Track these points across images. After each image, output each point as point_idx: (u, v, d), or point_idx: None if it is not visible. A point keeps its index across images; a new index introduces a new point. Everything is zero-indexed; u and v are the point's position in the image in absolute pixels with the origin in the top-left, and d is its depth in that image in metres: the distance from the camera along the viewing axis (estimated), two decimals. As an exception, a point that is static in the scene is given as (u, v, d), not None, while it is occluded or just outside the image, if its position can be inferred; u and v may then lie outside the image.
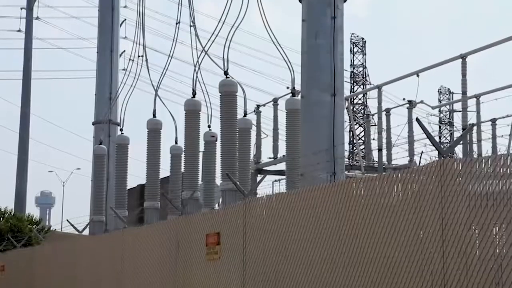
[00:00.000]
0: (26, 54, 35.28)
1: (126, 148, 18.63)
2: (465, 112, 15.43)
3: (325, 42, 11.18)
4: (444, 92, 55.18)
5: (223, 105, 13.49)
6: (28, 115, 34.56)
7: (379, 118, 17.96)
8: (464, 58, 14.92)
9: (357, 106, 52.03)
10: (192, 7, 15.21)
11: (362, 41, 55.27)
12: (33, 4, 36.03)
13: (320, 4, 11.22)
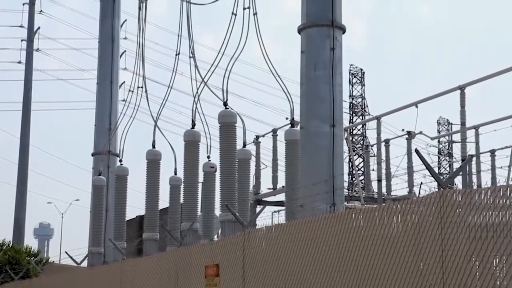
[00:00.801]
0: (26, 85, 35.41)
1: (125, 179, 18.60)
2: (464, 143, 15.44)
3: (324, 73, 11.23)
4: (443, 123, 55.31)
5: (222, 136, 13.50)
6: (28, 146, 34.57)
7: (378, 149, 17.97)
8: (463, 89, 14.98)
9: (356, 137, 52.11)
10: (191, 39, 15.30)
11: (361, 72, 55.52)
12: (33, 36, 36.22)
13: (319, 35, 11.28)
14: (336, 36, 11.28)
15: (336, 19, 11.27)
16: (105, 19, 23.78)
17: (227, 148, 13.41)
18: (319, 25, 11.27)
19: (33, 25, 36.70)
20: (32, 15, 36.93)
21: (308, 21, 11.36)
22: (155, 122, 16.99)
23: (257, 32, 13.02)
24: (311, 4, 11.33)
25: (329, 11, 11.23)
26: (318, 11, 11.29)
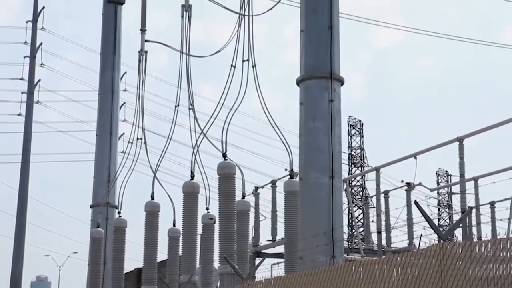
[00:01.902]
0: (25, 137, 35.46)
1: (123, 231, 18.50)
2: (464, 195, 15.39)
3: (322, 125, 11.26)
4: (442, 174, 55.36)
5: (221, 187, 13.47)
6: (26, 199, 34.45)
7: (378, 200, 17.91)
8: (461, 141, 15.00)
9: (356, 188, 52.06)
10: (191, 90, 15.38)
11: (360, 123, 55.78)
12: (33, 89, 36.43)
13: (318, 87, 11.34)
14: (335, 88, 11.34)
15: (334, 71, 11.35)
16: (105, 71, 23.93)
17: (226, 199, 13.37)
18: (317, 77, 11.34)
19: (33, 77, 36.93)
20: (32, 68, 37.20)
21: (306, 73, 11.44)
22: (154, 174, 16.98)
23: (256, 84, 13.10)
24: (310, 57, 11.42)
25: (328, 64, 11.31)
26: (317, 64, 11.37)
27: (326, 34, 11.33)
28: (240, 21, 13.22)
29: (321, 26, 11.36)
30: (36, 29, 38.05)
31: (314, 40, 11.39)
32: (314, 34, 11.38)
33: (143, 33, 17.45)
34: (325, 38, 11.31)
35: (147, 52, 17.67)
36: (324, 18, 11.34)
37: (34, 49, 37.65)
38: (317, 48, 11.38)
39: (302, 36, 11.50)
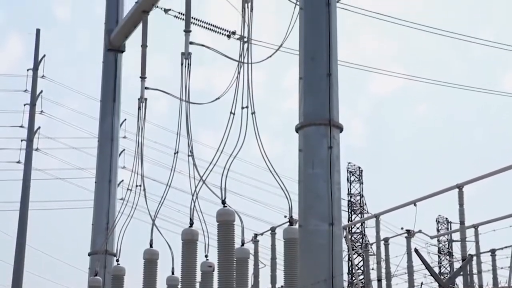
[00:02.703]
0: (24, 184, 35.41)
1: (122, 280, 18.34)
2: (464, 242, 15.29)
3: (322, 172, 11.25)
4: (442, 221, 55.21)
5: (220, 235, 13.40)
6: (24, 246, 34.26)
7: (378, 247, 17.79)
8: (461, 188, 14.96)
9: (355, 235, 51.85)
10: (190, 137, 15.40)
11: (359, 170, 55.82)
12: (33, 136, 36.53)
13: (317, 134, 11.37)
14: (334, 134, 11.37)
15: (333, 118, 11.39)
16: (105, 118, 24.00)
17: (225, 247, 13.29)
18: (316, 124, 11.37)
19: (33, 125, 37.06)
20: (32, 116, 37.36)
21: (305, 120, 11.47)
22: (152, 221, 16.90)
23: (255, 130, 13.13)
24: (308, 104, 11.47)
25: (326, 111, 11.36)
26: (316, 111, 11.42)
27: (325, 81, 11.40)
28: (240, 68, 13.31)
29: (319, 73, 11.44)
30: (36, 77, 38.34)
31: (313, 88, 11.46)
32: (312, 81, 11.46)
33: (143, 81, 17.58)
34: (324, 85, 11.38)
35: (147, 99, 17.78)
36: (322, 65, 11.42)
37: (34, 96, 37.88)
38: (316, 95, 11.44)
39: (301, 83, 11.58)
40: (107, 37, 18.93)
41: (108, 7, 19.20)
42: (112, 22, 19.00)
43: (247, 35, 13.08)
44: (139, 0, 16.97)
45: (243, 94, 13.25)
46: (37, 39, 38.75)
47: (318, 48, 11.41)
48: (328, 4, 11.29)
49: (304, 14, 11.39)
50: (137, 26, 17.55)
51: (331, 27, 11.36)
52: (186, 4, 15.04)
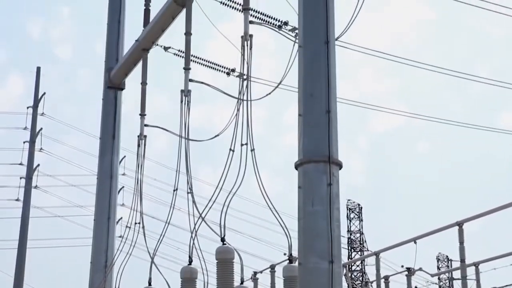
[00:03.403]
0: (23, 222, 35.31)
1: (120, 318, 18.16)
2: (465, 281, 15.24)
3: (321, 209, 11.21)
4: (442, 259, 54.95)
5: (219, 273, 13.31)
6: (22, 285, 34.05)
7: (378, 285, 17.71)
8: (461, 225, 14.95)
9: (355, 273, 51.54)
10: (189, 174, 15.39)
11: (359, 207, 55.71)
12: (32, 174, 36.51)
13: (316, 171, 11.35)
14: (333, 172, 11.35)
15: (332, 155, 11.38)
16: (104, 156, 23.99)
17: (224, 285, 13.19)
18: (315, 161, 11.36)
19: (32, 162, 37.09)
20: (32, 153, 37.40)
21: (304, 157, 11.46)
22: (151, 259, 16.80)
23: (254, 167, 13.12)
24: (308, 141, 11.48)
25: (326, 148, 11.35)
26: (315, 148, 11.41)
27: (324, 118, 11.41)
28: (239, 105, 13.35)
29: (319, 110, 11.45)
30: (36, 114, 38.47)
31: (312, 124, 11.47)
32: (312, 118, 11.48)
33: (143, 118, 17.66)
34: (323, 122, 11.39)
35: (146, 136, 17.83)
36: (322, 102, 11.44)
37: (34, 134, 37.96)
38: (315, 132, 11.45)
39: (300, 120, 11.60)
40: (107, 75, 19.02)
41: (108, 46, 19.31)
42: (112, 60, 19.09)
43: (247, 72, 13.14)
44: (139, 39, 17.09)
45: (243, 131, 13.27)
46: (37, 77, 39.00)
47: (317, 85, 11.45)
48: (327, 42, 11.36)
49: (303, 52, 11.46)
50: (137, 64, 17.64)
51: (330, 64, 11.42)
52: (186, 42, 15.15)
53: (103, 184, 23.88)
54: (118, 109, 20.78)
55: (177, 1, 15.18)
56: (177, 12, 15.60)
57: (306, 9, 11.49)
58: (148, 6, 17.26)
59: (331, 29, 11.46)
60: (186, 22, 15.04)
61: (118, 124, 21.34)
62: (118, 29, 19.08)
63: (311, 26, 11.44)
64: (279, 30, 13.92)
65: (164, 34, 16.49)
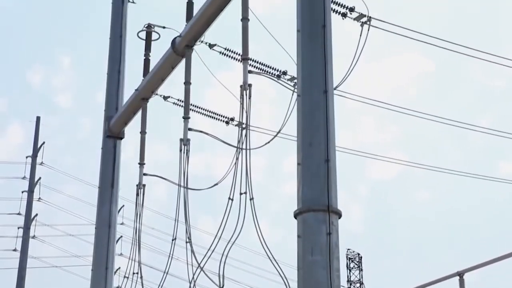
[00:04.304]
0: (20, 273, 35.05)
1: None
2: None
3: (321, 258, 11.11)
4: (443, 309, 54.38)
5: (218, 324, 13.15)
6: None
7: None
8: (462, 275, 14.81)
9: (356, 324, 51.00)
10: (188, 223, 15.32)
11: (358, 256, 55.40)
12: (30, 224, 36.36)
13: (315, 220, 11.29)
14: (332, 221, 11.28)
15: (332, 204, 11.33)
16: (102, 205, 23.90)
17: (223, 336, 13.03)
18: (315, 210, 11.31)
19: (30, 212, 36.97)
20: (30, 203, 37.30)
21: (304, 206, 11.41)
22: (149, 309, 16.63)
23: (253, 216, 13.05)
24: (307, 190, 11.44)
25: (325, 197, 11.31)
26: (314, 197, 11.37)
27: (323, 167, 11.39)
28: (238, 154, 13.35)
29: (317, 159, 11.44)
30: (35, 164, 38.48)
31: (311, 173, 11.45)
32: (310, 167, 11.46)
33: (142, 167, 17.66)
34: (322, 171, 11.37)
35: (145, 185, 17.79)
36: (320, 151, 11.43)
37: (32, 183, 37.92)
38: (314, 181, 11.42)
39: (299, 169, 11.58)
40: (107, 124, 19.06)
41: (108, 95, 19.39)
42: (111, 109, 19.15)
43: (246, 121, 13.17)
44: (139, 88, 17.18)
45: (242, 179, 13.24)
46: (36, 126, 39.12)
47: (316, 134, 11.45)
48: (325, 91, 11.40)
49: (302, 101, 11.49)
50: (136, 113, 17.69)
51: (329, 113, 11.44)
52: (185, 91, 15.23)
53: (101, 233, 23.74)
54: (117, 158, 20.78)
55: (177, 51, 15.31)
56: (177, 62, 15.71)
57: (305, 58, 11.56)
58: (147, 56, 17.38)
59: (330, 79, 11.51)
60: (186, 72, 15.14)
61: (117, 173, 21.31)
62: (118, 79, 19.19)
63: (309, 76, 11.50)
64: (278, 80, 14.01)
65: (163, 83, 16.58)
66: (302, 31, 11.53)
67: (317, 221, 11.40)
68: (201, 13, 14.45)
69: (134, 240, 18.35)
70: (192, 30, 14.77)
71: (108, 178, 21.90)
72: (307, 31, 11.52)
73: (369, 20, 12.90)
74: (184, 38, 15.03)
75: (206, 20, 14.44)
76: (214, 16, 14.33)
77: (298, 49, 11.64)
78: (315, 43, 11.46)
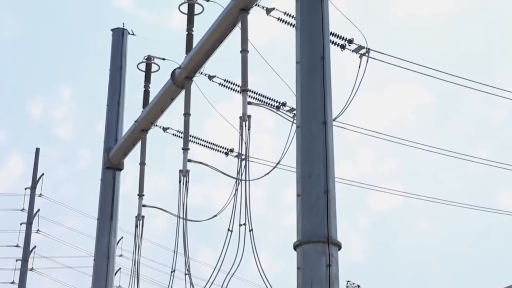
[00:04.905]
0: (18, 306, 34.80)
1: None
2: None
3: (320, 292, 11.04)
4: None
5: None
6: None
7: None
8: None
9: None
10: (187, 255, 15.24)
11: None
12: (28, 256, 36.20)
13: (315, 252, 11.23)
14: (332, 253, 11.23)
15: (331, 236, 11.29)
16: (101, 237, 23.78)
17: None
18: (314, 242, 11.26)
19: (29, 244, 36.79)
20: (28, 235, 37.14)
21: (303, 238, 11.36)
22: None
23: (253, 248, 12.98)
24: (306, 221, 11.40)
25: (324, 228, 11.26)
26: (313, 228, 11.33)
27: (323, 198, 11.36)
28: (237, 185, 13.31)
29: (317, 190, 11.41)
30: (34, 196, 38.39)
31: (311, 205, 11.41)
32: (310, 198, 11.43)
33: (141, 198, 17.61)
34: (322, 203, 11.34)
35: (144, 217, 17.72)
36: (320, 183, 11.41)
37: (31, 215, 37.79)
38: (313, 213, 11.38)
39: (299, 200, 11.55)
40: (106, 156, 19.04)
41: (108, 126, 19.40)
42: (111, 140, 19.15)
43: (245, 152, 13.16)
44: (139, 119, 17.18)
45: (241, 211, 13.20)
46: (36, 158, 39.07)
47: (315, 166, 11.43)
48: (324, 123, 11.40)
49: (301, 132, 11.48)
50: (136, 144, 17.68)
51: (328, 144, 11.43)
52: (185, 123, 15.24)
53: (100, 265, 23.58)
54: (116, 189, 20.73)
55: (176, 82, 15.34)
56: (176, 94, 15.74)
57: (304, 90, 11.57)
58: (147, 87, 17.42)
59: (329, 110, 11.51)
60: (185, 103, 15.17)
61: (116, 204, 21.26)
62: (118, 110, 19.21)
63: (308, 107, 11.50)
64: (277, 111, 14.02)
65: (163, 114, 16.58)
66: (301, 63, 11.56)
67: (317, 253, 11.34)
68: (200, 45, 14.50)
69: (133, 272, 18.25)
70: (192, 61, 14.82)
71: (107, 210, 21.83)
72: (306, 63, 11.55)
73: (368, 51, 12.94)
74: (184, 69, 15.07)
75: (205, 52, 14.49)
76: (213, 48, 14.38)
77: (297, 80, 11.65)
78: (314, 75, 11.49)
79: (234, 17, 13.58)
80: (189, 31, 15.27)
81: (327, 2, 11.58)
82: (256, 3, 13.27)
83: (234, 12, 13.50)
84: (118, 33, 19.32)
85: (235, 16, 13.54)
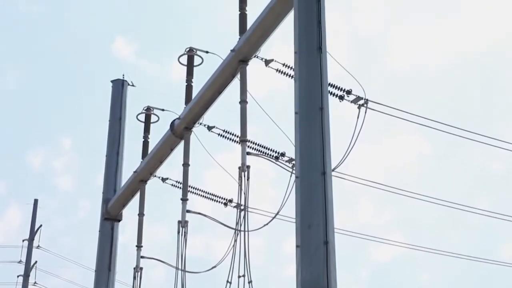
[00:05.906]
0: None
1: None
2: None
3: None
4: None
5: None
6: None
7: None
8: None
9: None
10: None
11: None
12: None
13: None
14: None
15: (331, 287, 11.20)
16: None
17: None
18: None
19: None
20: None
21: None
22: None
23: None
24: (306, 272, 11.28)
25: (324, 279, 11.16)
26: (313, 279, 11.20)
27: (322, 249, 11.28)
28: (236, 236, 13.24)
29: (316, 241, 11.33)
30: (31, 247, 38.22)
31: (310, 256, 11.33)
32: (309, 249, 11.35)
33: (139, 250, 17.50)
34: (321, 254, 11.26)
35: (143, 269, 17.57)
36: (319, 233, 11.34)
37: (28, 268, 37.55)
38: (313, 264, 11.29)
39: (298, 251, 11.47)
40: (104, 207, 18.98)
41: (107, 177, 19.37)
42: (110, 191, 19.10)
43: (244, 203, 13.13)
44: (137, 170, 17.18)
45: (240, 262, 13.10)
46: (34, 209, 38.99)
47: (314, 216, 11.38)
48: (324, 173, 11.39)
49: (300, 183, 11.46)
50: (134, 195, 17.64)
51: (327, 195, 11.40)
52: (184, 173, 15.24)
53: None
54: (115, 241, 20.62)
55: (176, 133, 15.38)
56: (176, 144, 15.76)
57: (303, 140, 11.58)
58: (146, 138, 17.45)
59: (328, 160, 11.51)
60: (184, 154, 15.17)
61: (114, 256, 21.12)
62: (117, 161, 19.21)
63: (307, 157, 11.50)
64: (276, 161, 14.02)
65: (162, 165, 16.58)
66: (300, 113, 11.59)
67: (316, 297, 11.23)
68: (200, 96, 14.58)
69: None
70: (191, 112, 14.88)
71: (105, 261, 21.68)
72: (305, 113, 11.58)
73: (366, 102, 12.99)
74: (183, 120, 15.13)
75: (204, 102, 14.56)
76: (212, 99, 14.46)
77: (296, 131, 11.67)
78: (313, 125, 11.52)
79: (233, 69, 13.68)
80: (189, 82, 15.37)
81: (326, 54, 11.67)
82: (255, 54, 13.38)
83: (233, 63, 13.61)
84: (118, 84, 19.45)
85: (234, 67, 13.65)
